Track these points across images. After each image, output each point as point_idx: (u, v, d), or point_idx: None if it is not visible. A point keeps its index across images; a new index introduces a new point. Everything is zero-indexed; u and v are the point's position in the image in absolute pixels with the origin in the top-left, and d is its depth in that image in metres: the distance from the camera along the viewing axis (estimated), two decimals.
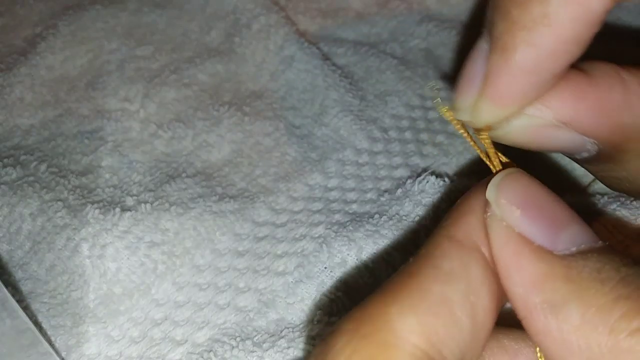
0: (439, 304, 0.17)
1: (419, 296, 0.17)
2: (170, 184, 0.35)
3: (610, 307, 0.16)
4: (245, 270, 0.31)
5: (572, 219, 0.18)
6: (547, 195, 0.19)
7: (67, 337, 0.29)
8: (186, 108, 0.40)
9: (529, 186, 0.19)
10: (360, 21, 0.45)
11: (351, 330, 0.17)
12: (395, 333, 0.16)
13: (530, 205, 0.18)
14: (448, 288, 0.17)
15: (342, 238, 0.31)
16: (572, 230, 0.18)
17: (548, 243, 0.17)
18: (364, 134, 0.37)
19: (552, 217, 0.18)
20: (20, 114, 0.40)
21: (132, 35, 0.44)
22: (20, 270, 0.31)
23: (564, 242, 0.17)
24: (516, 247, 0.18)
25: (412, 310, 0.17)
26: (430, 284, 0.17)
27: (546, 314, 0.16)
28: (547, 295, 0.17)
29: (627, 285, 0.16)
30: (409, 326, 0.16)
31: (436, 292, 0.17)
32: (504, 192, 0.19)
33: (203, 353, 0.28)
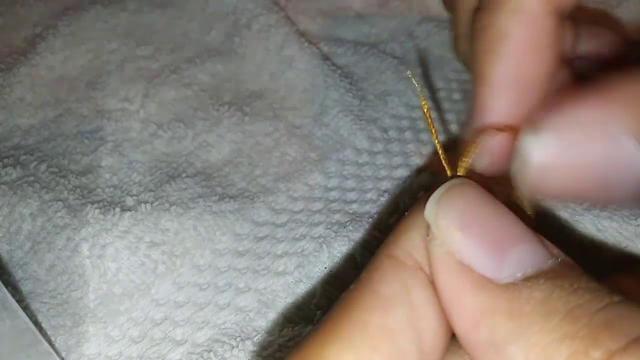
0: (379, 336, 0.16)
1: (357, 330, 0.16)
2: (170, 184, 0.35)
3: (555, 348, 0.14)
4: (245, 270, 0.31)
5: (520, 237, 0.16)
6: (492, 211, 0.17)
7: (67, 337, 0.29)
8: (186, 108, 0.40)
9: (471, 201, 0.17)
10: (360, 21, 0.46)
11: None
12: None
13: (472, 225, 0.16)
14: (388, 316, 0.16)
15: (342, 238, 0.31)
16: (519, 251, 0.16)
17: (491, 270, 0.16)
18: (364, 134, 0.37)
19: (497, 238, 0.16)
20: (20, 114, 0.40)
21: (132, 35, 0.44)
22: (20, 270, 0.31)
23: (509, 267, 0.16)
24: (456, 277, 0.16)
25: (350, 347, 0.16)
26: (369, 315, 0.16)
27: (489, 354, 0.15)
28: (488, 334, 0.15)
29: (574, 321, 0.14)
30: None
31: (375, 323, 0.16)
32: (444, 210, 0.17)
33: (203, 353, 0.28)
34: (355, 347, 0.16)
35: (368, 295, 0.16)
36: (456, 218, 0.16)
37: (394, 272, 0.17)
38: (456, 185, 0.17)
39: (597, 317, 0.14)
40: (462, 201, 0.17)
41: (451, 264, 0.16)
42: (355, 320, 0.16)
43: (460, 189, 0.17)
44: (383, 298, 0.16)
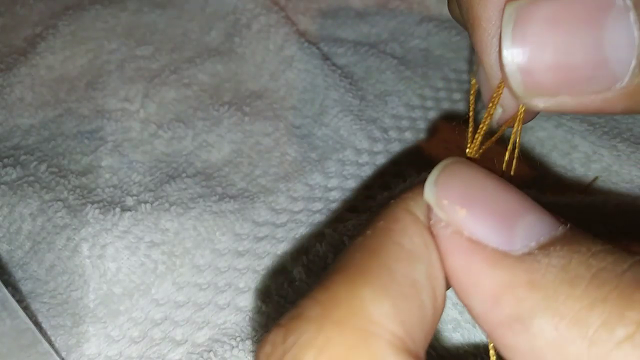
0: (408, 287, 0.15)
1: (388, 277, 0.15)
2: (170, 184, 0.35)
3: (587, 316, 0.13)
4: (245, 270, 0.31)
5: (527, 207, 0.16)
6: (494, 184, 0.16)
7: (67, 337, 0.29)
8: (186, 108, 0.40)
9: (471, 177, 0.16)
10: (360, 21, 0.46)
11: (319, 316, 0.14)
12: (372, 319, 0.14)
13: (475, 201, 0.16)
14: (413, 269, 0.15)
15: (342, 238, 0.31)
16: (528, 220, 0.15)
17: (504, 243, 0.15)
18: (364, 134, 0.37)
19: (503, 210, 0.15)
20: (20, 114, 0.40)
21: (132, 35, 0.44)
22: (20, 270, 0.31)
23: (521, 237, 0.15)
24: (469, 256, 0.15)
25: (385, 293, 0.15)
26: (396, 264, 0.15)
27: (514, 330, 0.14)
28: (511, 310, 0.14)
29: (601, 284, 0.13)
30: (385, 311, 0.14)
31: (403, 273, 0.15)
32: (444, 189, 0.16)
33: (203, 353, 0.28)
34: (389, 293, 0.15)
35: (392, 246, 0.16)
36: (458, 196, 0.16)
37: (415, 228, 0.16)
38: (450, 164, 0.17)
39: (626, 278, 0.13)
40: (461, 178, 0.16)
41: (461, 243, 0.15)
42: (384, 266, 0.15)
43: (456, 167, 0.16)
44: (407, 251, 0.16)
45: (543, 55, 0.16)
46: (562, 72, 0.16)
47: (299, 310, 0.15)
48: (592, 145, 0.34)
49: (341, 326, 0.14)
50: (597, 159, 0.33)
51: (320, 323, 0.14)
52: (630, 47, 0.16)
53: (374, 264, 0.15)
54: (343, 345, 0.14)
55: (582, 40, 0.16)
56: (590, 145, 0.34)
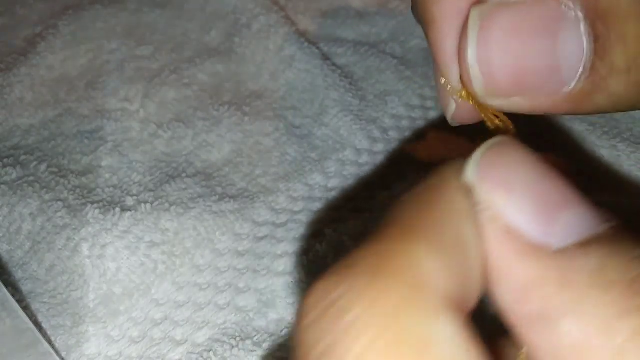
0: (459, 245, 0.14)
1: (440, 233, 0.14)
2: (170, 184, 0.35)
3: (617, 323, 0.13)
4: (245, 270, 0.31)
5: (571, 200, 0.15)
6: (540, 172, 0.15)
7: (67, 337, 0.29)
8: (186, 108, 0.40)
9: (517, 161, 0.16)
10: (360, 21, 0.45)
11: (372, 268, 0.14)
12: (425, 274, 0.14)
13: (518, 187, 0.15)
14: (463, 228, 0.15)
15: (342, 238, 0.31)
16: (571, 214, 0.15)
17: (541, 236, 0.14)
18: (364, 134, 0.37)
19: (546, 200, 0.15)
20: (20, 114, 0.40)
21: (132, 35, 0.44)
22: (20, 270, 0.31)
23: (560, 233, 0.14)
24: (503, 244, 0.15)
25: (438, 248, 0.14)
26: (448, 221, 0.15)
27: (539, 327, 0.14)
28: (539, 305, 0.14)
29: (636, 293, 0.13)
30: (438, 267, 0.14)
31: (455, 231, 0.15)
32: (487, 171, 0.15)
33: (203, 353, 0.28)
34: (442, 249, 0.14)
35: (444, 203, 0.15)
36: (500, 180, 0.15)
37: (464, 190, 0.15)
38: (497, 145, 0.16)
39: None
40: (506, 160, 0.15)
41: (497, 229, 0.15)
42: (437, 223, 0.15)
43: (502, 148, 0.16)
44: (457, 209, 0.15)
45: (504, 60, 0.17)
46: (520, 77, 0.17)
47: (350, 260, 0.14)
48: (592, 145, 0.34)
49: (394, 279, 0.13)
50: (597, 158, 0.33)
51: (373, 275, 0.14)
52: (579, 55, 0.16)
53: (426, 219, 0.15)
54: (395, 298, 0.13)
55: (538, 48, 0.16)
56: (590, 145, 0.34)
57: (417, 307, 0.13)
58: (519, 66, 0.17)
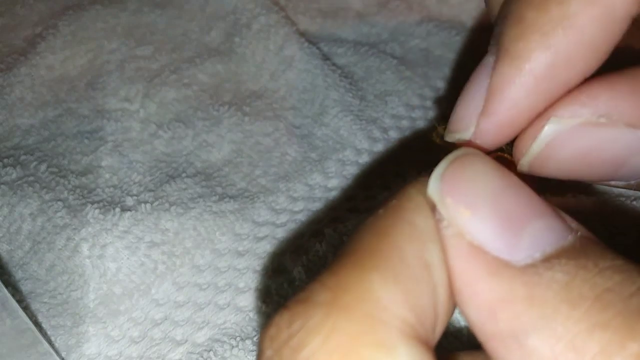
0: (420, 269, 0.14)
1: (398, 259, 0.14)
2: (170, 184, 0.35)
3: (585, 340, 0.12)
4: (245, 270, 0.31)
5: (537, 212, 0.15)
6: (504, 183, 0.15)
7: (67, 337, 0.29)
8: (186, 108, 0.40)
9: (480, 173, 0.15)
10: (360, 21, 0.45)
11: (327, 301, 0.14)
12: (380, 305, 0.13)
13: (481, 202, 0.15)
14: (425, 249, 0.14)
15: (342, 238, 0.31)
16: (536, 227, 0.14)
17: (506, 252, 0.14)
18: (364, 134, 0.37)
19: (510, 214, 0.14)
20: (20, 114, 0.40)
21: (132, 35, 0.44)
22: (20, 270, 0.31)
23: (525, 246, 0.14)
24: (468, 262, 0.14)
25: (394, 277, 0.14)
26: (407, 244, 0.14)
27: (508, 345, 0.13)
28: (507, 324, 0.13)
29: (605, 308, 0.12)
30: (393, 296, 0.14)
31: (415, 255, 0.14)
32: (450, 186, 0.15)
33: (203, 353, 0.28)
34: (399, 276, 0.14)
35: (404, 225, 0.15)
36: (463, 194, 0.15)
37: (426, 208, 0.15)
38: (460, 157, 0.15)
39: (632, 303, 0.12)
40: (469, 174, 0.15)
41: (462, 246, 0.14)
42: (393, 247, 0.14)
43: (465, 161, 0.15)
44: (419, 230, 0.15)
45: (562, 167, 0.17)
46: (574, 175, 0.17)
47: (306, 294, 0.14)
48: None
49: (349, 312, 0.13)
50: None
51: (328, 308, 0.13)
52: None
53: (384, 245, 0.14)
54: (351, 331, 0.13)
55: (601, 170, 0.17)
56: None
57: (373, 339, 0.13)
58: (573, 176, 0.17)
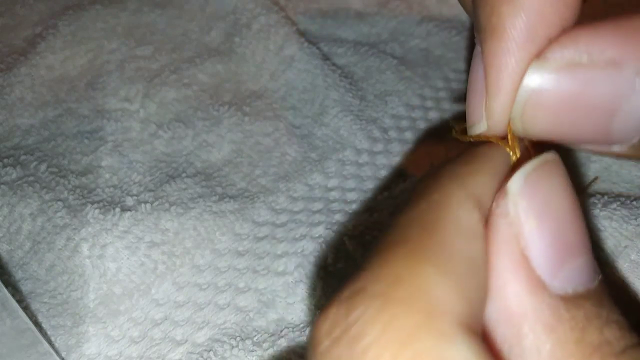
0: (469, 264, 0.15)
1: (449, 254, 0.14)
2: (170, 184, 0.35)
3: None
4: (245, 270, 0.31)
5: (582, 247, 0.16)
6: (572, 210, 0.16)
7: (67, 337, 0.29)
8: (186, 108, 0.40)
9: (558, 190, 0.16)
10: (360, 21, 0.45)
11: (383, 293, 0.14)
12: (436, 299, 0.14)
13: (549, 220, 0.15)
14: (471, 245, 0.15)
15: (342, 238, 0.31)
16: (577, 264, 0.15)
17: (547, 275, 0.15)
18: (364, 134, 0.37)
19: (565, 243, 0.15)
20: (20, 114, 0.40)
21: (132, 35, 0.44)
22: (20, 270, 0.31)
23: (563, 278, 0.15)
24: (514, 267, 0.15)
25: (447, 271, 0.14)
26: (456, 241, 0.15)
27: (512, 353, 0.15)
28: (521, 337, 0.15)
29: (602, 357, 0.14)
30: (449, 290, 0.14)
31: (463, 250, 0.15)
32: (530, 190, 0.15)
33: (203, 353, 0.28)
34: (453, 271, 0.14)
35: (450, 221, 0.15)
36: (538, 204, 0.15)
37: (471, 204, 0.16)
38: (547, 164, 0.16)
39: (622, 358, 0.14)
40: (548, 186, 0.16)
41: (514, 249, 0.15)
42: (445, 243, 0.15)
43: (550, 170, 0.16)
44: (464, 226, 0.15)
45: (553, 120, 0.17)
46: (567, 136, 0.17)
47: (360, 284, 0.14)
48: None
49: (406, 304, 0.14)
50: (597, 159, 0.33)
51: (385, 300, 0.14)
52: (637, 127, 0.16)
53: (433, 239, 0.15)
54: (409, 323, 0.13)
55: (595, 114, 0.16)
56: None
57: (431, 332, 0.13)
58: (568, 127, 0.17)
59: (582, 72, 0.16)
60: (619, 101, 0.16)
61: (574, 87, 0.16)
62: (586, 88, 0.16)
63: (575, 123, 0.17)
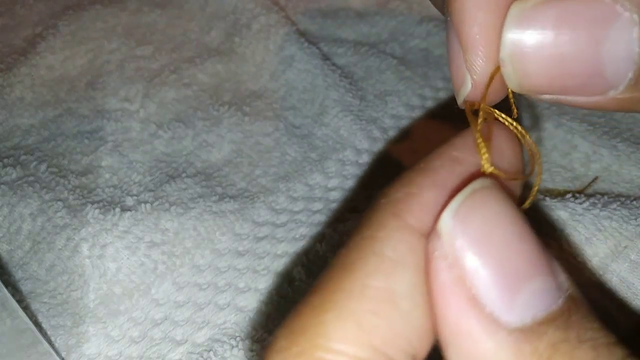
0: (381, 300, 0.15)
1: (357, 295, 0.15)
2: (170, 184, 0.35)
3: None
4: (245, 270, 0.31)
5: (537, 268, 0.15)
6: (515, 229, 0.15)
7: (67, 337, 0.29)
8: (186, 108, 0.40)
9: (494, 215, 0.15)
10: (360, 21, 0.46)
11: (284, 348, 0.15)
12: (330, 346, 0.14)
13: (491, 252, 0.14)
14: (392, 279, 0.15)
15: (342, 238, 0.31)
16: (533, 287, 0.14)
17: (501, 310, 0.14)
18: (364, 134, 0.37)
19: (514, 269, 0.14)
20: (20, 114, 0.40)
21: (132, 35, 0.44)
22: (20, 270, 0.31)
23: (519, 307, 0.14)
24: (463, 309, 0.14)
25: (349, 313, 0.14)
26: (370, 279, 0.15)
27: None
28: None
29: None
30: (345, 334, 0.14)
31: (378, 287, 0.15)
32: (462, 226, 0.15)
33: (203, 353, 0.28)
34: (354, 312, 0.14)
35: (371, 258, 0.15)
36: (475, 240, 0.14)
37: (401, 234, 0.15)
38: (476, 192, 0.15)
39: None
40: (484, 216, 0.15)
41: (460, 292, 0.14)
42: (356, 282, 0.15)
43: (484, 197, 0.15)
44: (387, 261, 0.15)
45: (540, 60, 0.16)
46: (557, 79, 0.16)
47: (272, 340, 0.15)
48: (592, 145, 0.34)
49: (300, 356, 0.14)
50: (597, 159, 0.33)
51: (284, 354, 0.15)
52: (628, 60, 0.15)
53: (345, 282, 0.15)
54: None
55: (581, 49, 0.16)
56: (590, 145, 0.34)
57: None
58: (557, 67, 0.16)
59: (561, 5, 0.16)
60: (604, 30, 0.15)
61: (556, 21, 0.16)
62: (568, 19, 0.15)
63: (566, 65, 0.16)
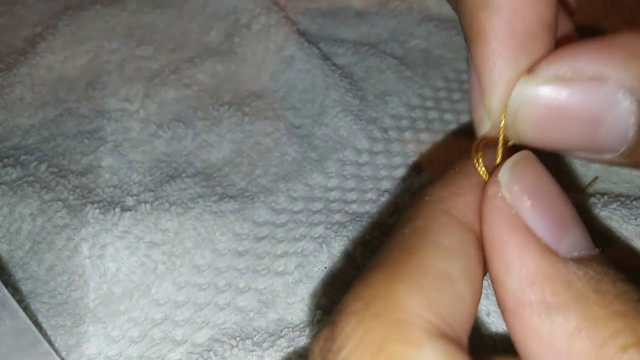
0: (443, 280, 0.17)
1: (423, 273, 0.17)
2: (170, 184, 0.35)
3: (607, 322, 0.16)
4: (245, 270, 0.31)
5: (576, 221, 0.18)
6: (557, 190, 0.18)
7: (67, 337, 0.29)
8: (186, 108, 0.40)
9: (541, 176, 0.18)
10: (360, 21, 0.46)
11: (360, 310, 0.16)
12: (406, 310, 0.16)
13: (541, 199, 0.18)
14: (449, 264, 0.17)
15: (342, 238, 0.31)
16: (575, 233, 0.17)
17: (553, 242, 0.17)
18: (364, 134, 0.37)
19: (560, 216, 0.17)
20: (20, 114, 0.40)
21: (132, 35, 0.44)
22: (20, 270, 0.31)
23: (566, 245, 0.17)
24: (521, 239, 0.17)
25: (418, 287, 0.16)
26: (432, 261, 0.17)
27: (540, 314, 0.16)
28: (545, 297, 0.16)
29: (624, 302, 0.16)
30: (418, 302, 0.16)
31: (439, 268, 0.17)
32: (518, 177, 0.18)
33: (203, 353, 0.28)
34: (423, 286, 0.16)
35: (429, 244, 0.17)
36: (528, 187, 0.18)
37: (452, 227, 0.18)
38: (526, 157, 0.18)
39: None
40: (533, 173, 0.18)
41: (517, 226, 0.17)
42: (420, 263, 0.17)
43: (530, 161, 0.18)
44: (443, 248, 0.17)
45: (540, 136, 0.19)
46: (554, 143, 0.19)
47: (343, 305, 0.17)
48: None
49: (379, 317, 0.16)
50: None
51: (361, 316, 0.16)
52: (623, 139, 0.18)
53: (410, 261, 0.17)
54: (381, 333, 0.16)
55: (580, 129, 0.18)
56: None
57: (400, 339, 0.16)
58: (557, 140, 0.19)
59: (567, 86, 0.18)
60: (603, 113, 0.18)
61: (560, 99, 0.18)
62: (571, 100, 0.18)
63: (564, 133, 0.18)
